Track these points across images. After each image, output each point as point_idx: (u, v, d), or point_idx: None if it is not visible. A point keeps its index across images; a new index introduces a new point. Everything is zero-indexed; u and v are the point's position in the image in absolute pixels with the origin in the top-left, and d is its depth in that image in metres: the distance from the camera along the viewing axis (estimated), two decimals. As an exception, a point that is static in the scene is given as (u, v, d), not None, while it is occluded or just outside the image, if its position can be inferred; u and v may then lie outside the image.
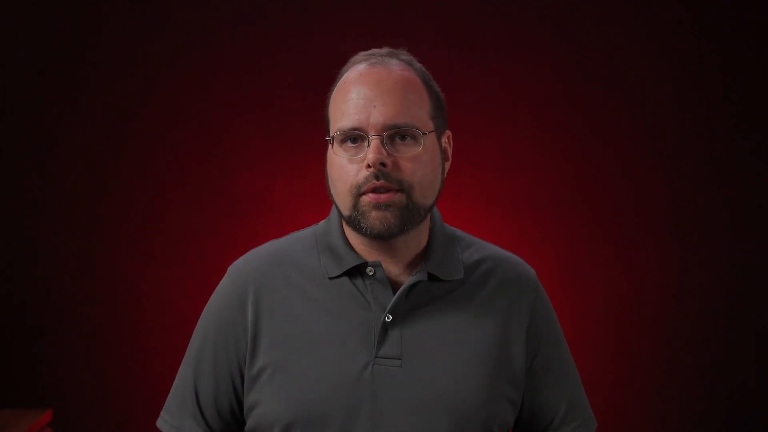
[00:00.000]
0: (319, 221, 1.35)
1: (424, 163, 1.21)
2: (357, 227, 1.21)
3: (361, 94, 1.21)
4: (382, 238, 1.22)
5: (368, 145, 1.19)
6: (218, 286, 1.32)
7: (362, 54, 1.27)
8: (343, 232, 1.28)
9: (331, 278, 1.26)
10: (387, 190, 1.19)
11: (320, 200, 1.33)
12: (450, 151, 1.30)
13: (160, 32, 2.69)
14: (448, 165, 1.29)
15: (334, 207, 1.30)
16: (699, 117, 2.72)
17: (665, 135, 2.73)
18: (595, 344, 2.72)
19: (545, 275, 2.63)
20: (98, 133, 2.69)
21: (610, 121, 2.73)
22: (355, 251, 1.26)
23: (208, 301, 1.33)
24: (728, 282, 2.74)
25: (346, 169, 1.20)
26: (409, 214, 1.20)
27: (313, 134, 1.46)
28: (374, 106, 1.19)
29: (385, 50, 1.27)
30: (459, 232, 1.35)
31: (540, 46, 2.72)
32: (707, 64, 2.72)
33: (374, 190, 1.19)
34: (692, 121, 2.73)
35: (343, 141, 1.21)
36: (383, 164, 1.18)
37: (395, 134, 1.20)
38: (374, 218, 1.19)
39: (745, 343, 2.74)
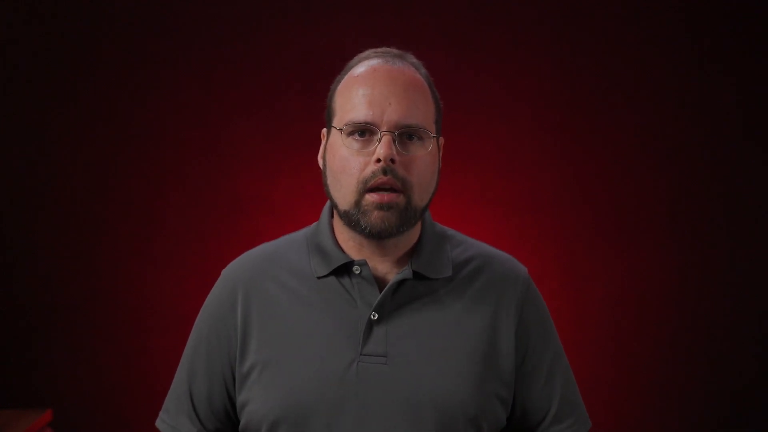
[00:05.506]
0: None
1: (426, 165, 1.23)
2: (355, 224, 1.22)
3: (376, 89, 1.22)
4: (379, 237, 1.23)
5: (379, 141, 1.20)
6: (212, 289, 1.34)
7: (373, 51, 1.28)
8: (332, 232, 1.29)
9: (319, 278, 1.27)
10: (390, 188, 1.20)
11: (320, 200, 1.33)
12: (440, 155, 1.31)
13: (161, 32, 2.69)
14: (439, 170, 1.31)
15: (324, 208, 1.32)
16: (699, 117, 2.72)
17: (665, 135, 2.73)
18: (595, 344, 2.71)
19: (545, 275, 2.66)
20: (98, 133, 2.69)
21: (610, 121, 2.73)
22: (343, 250, 1.27)
23: (204, 303, 1.34)
24: (728, 282, 2.74)
25: (351, 162, 1.21)
26: (407, 216, 1.22)
27: (313, 134, 1.45)
28: (389, 104, 1.21)
29: (395, 51, 1.28)
30: (450, 231, 1.35)
31: (540, 46, 2.72)
32: (707, 64, 2.72)
33: (379, 187, 1.19)
34: (692, 121, 2.73)
35: (350, 133, 1.22)
36: (392, 160, 1.19)
37: (405, 133, 1.21)
38: (376, 217, 1.20)
39: (745, 343, 2.74)
